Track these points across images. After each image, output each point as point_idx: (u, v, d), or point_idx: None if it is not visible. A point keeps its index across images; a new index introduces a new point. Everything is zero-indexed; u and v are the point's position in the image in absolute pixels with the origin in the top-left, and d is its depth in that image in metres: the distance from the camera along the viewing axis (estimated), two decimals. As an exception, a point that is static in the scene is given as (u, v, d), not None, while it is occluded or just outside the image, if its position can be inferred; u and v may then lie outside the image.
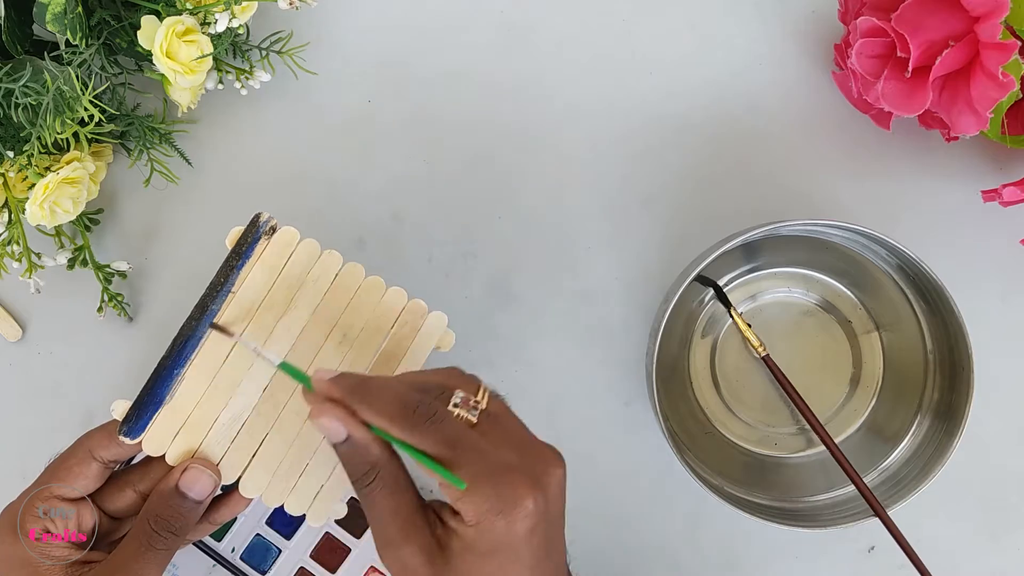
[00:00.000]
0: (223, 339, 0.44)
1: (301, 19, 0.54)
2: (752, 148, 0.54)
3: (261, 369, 0.44)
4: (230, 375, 0.44)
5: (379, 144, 0.54)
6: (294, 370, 0.40)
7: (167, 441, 0.43)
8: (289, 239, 0.45)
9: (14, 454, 0.53)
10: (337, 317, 0.45)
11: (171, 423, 0.43)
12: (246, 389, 0.44)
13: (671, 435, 0.47)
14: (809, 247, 0.51)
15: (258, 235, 0.45)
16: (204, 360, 0.44)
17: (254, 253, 0.45)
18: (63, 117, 0.45)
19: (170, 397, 0.43)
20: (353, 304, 0.45)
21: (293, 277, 0.45)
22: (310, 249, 0.45)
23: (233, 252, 0.45)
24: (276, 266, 0.45)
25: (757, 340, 0.49)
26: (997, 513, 0.53)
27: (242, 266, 0.45)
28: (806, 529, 0.47)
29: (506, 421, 0.39)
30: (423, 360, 0.46)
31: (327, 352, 0.45)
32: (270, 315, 0.45)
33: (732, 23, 0.55)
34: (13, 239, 0.50)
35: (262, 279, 0.45)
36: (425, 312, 0.46)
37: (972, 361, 0.46)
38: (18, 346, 0.53)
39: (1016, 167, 0.54)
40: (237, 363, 0.44)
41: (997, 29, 0.43)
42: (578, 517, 0.52)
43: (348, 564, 0.51)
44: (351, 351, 0.45)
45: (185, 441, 0.44)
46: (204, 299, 0.44)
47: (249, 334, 0.44)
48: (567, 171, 0.54)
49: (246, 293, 0.45)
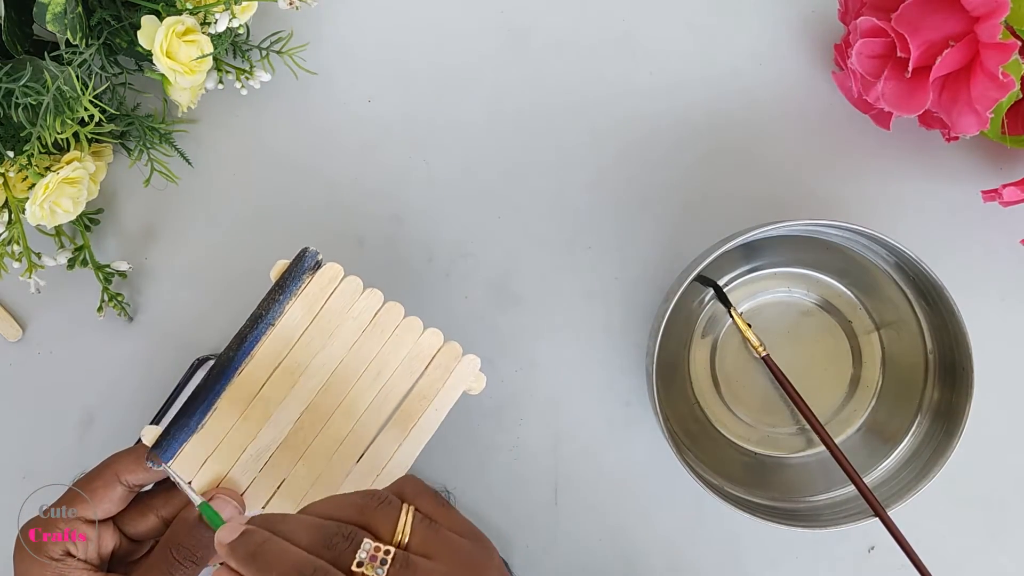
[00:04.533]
0: (257, 372, 0.44)
1: (301, 19, 0.54)
2: (752, 148, 0.54)
3: (292, 403, 0.44)
4: (262, 408, 0.44)
5: (379, 144, 0.54)
6: (212, 514, 0.40)
7: (195, 468, 0.43)
8: (333, 275, 0.45)
9: (14, 454, 0.53)
10: (373, 355, 0.45)
11: (200, 451, 0.43)
12: (277, 421, 0.44)
13: (671, 435, 0.47)
14: (809, 247, 0.51)
15: (303, 269, 0.45)
16: (238, 390, 0.44)
17: (297, 289, 0.45)
18: (63, 117, 0.45)
19: (201, 426, 0.43)
20: (390, 343, 0.45)
21: (333, 313, 0.45)
22: (352, 286, 0.45)
23: (277, 285, 0.45)
24: (318, 301, 0.45)
25: (757, 340, 0.49)
26: (997, 513, 0.53)
27: (285, 300, 0.45)
28: (806, 529, 0.47)
29: (435, 545, 0.35)
30: (452, 401, 0.46)
31: (360, 388, 0.45)
32: (308, 350, 0.45)
33: (732, 23, 0.55)
34: (13, 239, 0.50)
35: (302, 314, 0.45)
36: (459, 355, 0.46)
37: (972, 361, 0.46)
38: (18, 346, 0.53)
39: (1016, 167, 0.54)
40: (270, 396, 0.44)
41: (997, 29, 0.43)
42: (578, 517, 0.53)
43: None
44: (384, 388, 0.45)
45: (212, 469, 0.43)
46: (244, 330, 0.44)
47: (284, 370, 0.44)
48: (567, 171, 0.54)
49: (285, 327, 0.45)
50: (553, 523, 0.53)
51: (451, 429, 0.53)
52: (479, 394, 0.46)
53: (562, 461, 0.53)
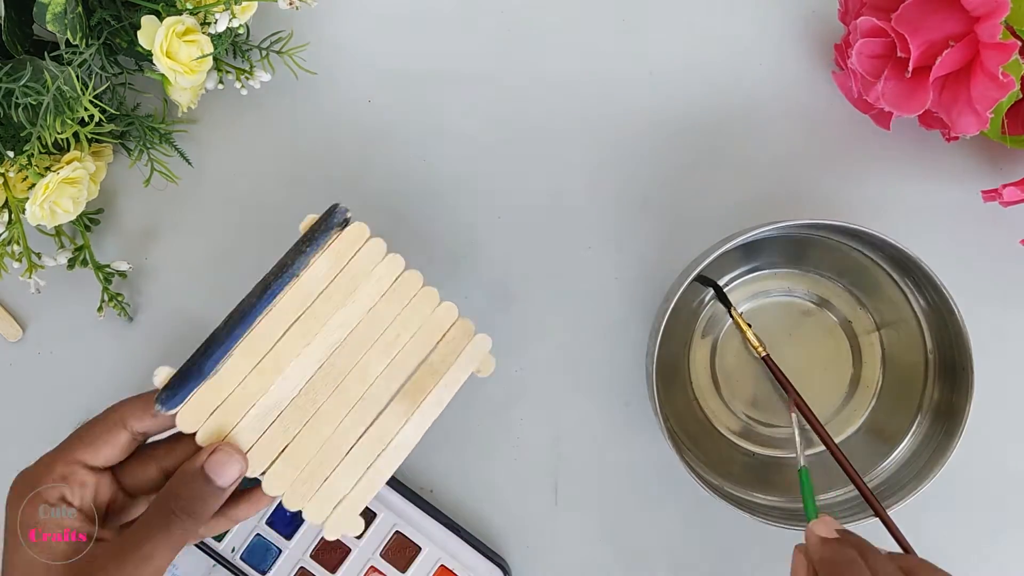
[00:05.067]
0: (275, 324, 0.43)
1: (301, 19, 0.54)
2: (752, 148, 0.54)
3: (307, 360, 0.43)
4: (275, 361, 0.43)
5: (379, 144, 0.54)
6: (808, 491, 0.43)
7: (202, 418, 0.42)
8: (359, 234, 0.45)
9: (14, 454, 0.53)
10: (389, 321, 0.45)
11: (209, 400, 0.42)
12: (289, 378, 0.43)
13: (671, 435, 0.47)
14: (809, 247, 0.51)
15: (332, 224, 0.45)
16: (254, 341, 0.43)
17: (324, 243, 0.44)
18: (63, 117, 0.45)
19: (214, 373, 0.42)
20: (407, 310, 0.45)
21: (355, 272, 0.45)
22: (376, 248, 0.45)
23: (304, 238, 0.44)
24: (342, 258, 0.45)
25: (757, 340, 0.49)
26: (997, 513, 0.53)
27: (311, 253, 0.44)
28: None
29: None
30: (462, 380, 0.45)
31: (374, 353, 0.44)
32: (328, 306, 0.44)
33: (732, 23, 0.55)
34: (13, 239, 0.50)
35: (326, 269, 0.44)
36: (472, 332, 0.46)
37: (972, 361, 0.46)
38: (18, 346, 0.53)
39: (1016, 167, 0.54)
40: (285, 349, 0.43)
41: (997, 29, 0.43)
42: (578, 517, 0.53)
43: (348, 564, 0.51)
44: (397, 357, 0.45)
45: (219, 422, 0.42)
46: (268, 278, 0.44)
47: (302, 324, 0.44)
48: (567, 171, 0.54)
49: (308, 280, 0.44)
50: (553, 523, 0.53)
51: (451, 429, 0.53)
52: (488, 376, 0.46)
53: (562, 461, 0.53)
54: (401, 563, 0.51)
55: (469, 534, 0.51)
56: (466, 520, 0.52)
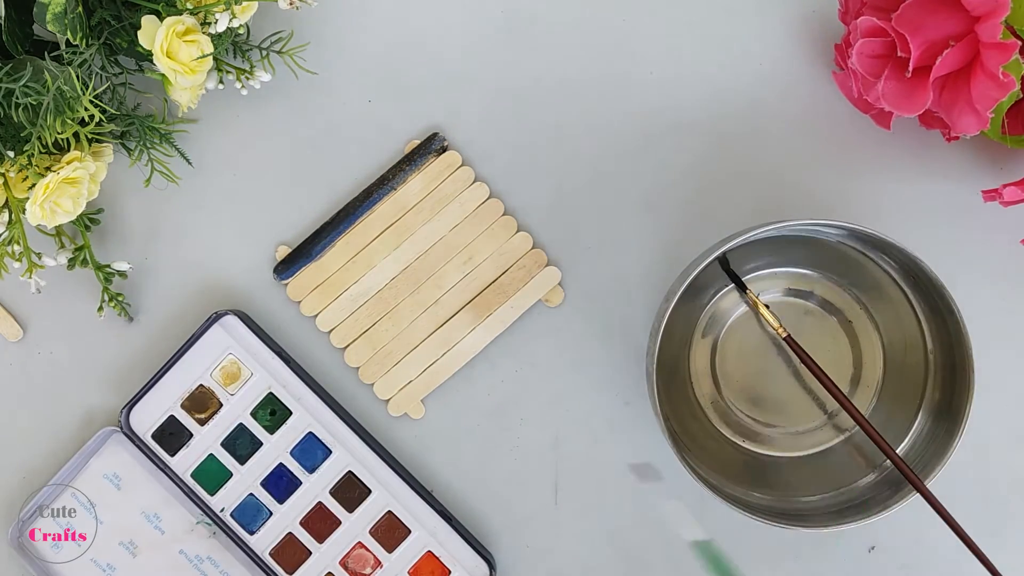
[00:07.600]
0: (371, 226, 0.52)
1: (301, 19, 0.54)
2: (752, 148, 0.54)
3: (394, 262, 0.52)
4: (368, 257, 0.52)
5: (379, 144, 0.54)
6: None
7: (306, 292, 0.52)
8: (452, 161, 0.52)
9: (14, 454, 0.53)
10: (469, 240, 0.52)
11: (313, 278, 0.52)
12: (377, 272, 0.52)
13: (671, 435, 0.47)
14: (809, 247, 0.51)
15: (430, 149, 0.52)
16: (354, 237, 0.52)
17: (422, 164, 0.52)
18: (63, 117, 0.45)
19: (319, 256, 0.52)
20: (485, 234, 0.52)
21: (444, 193, 0.52)
22: (465, 175, 0.52)
23: (406, 157, 0.52)
24: (435, 180, 0.52)
25: (777, 321, 0.49)
26: (997, 513, 0.53)
27: (410, 171, 0.52)
28: (806, 529, 0.47)
29: None
30: (527, 305, 0.52)
31: (451, 268, 0.52)
32: (417, 219, 0.52)
33: (732, 23, 0.55)
34: (13, 239, 0.50)
35: (420, 187, 0.52)
36: (544, 263, 0.52)
37: (972, 361, 0.46)
38: (18, 346, 0.53)
39: (1016, 167, 0.54)
40: (378, 249, 0.52)
41: (997, 29, 0.43)
42: (578, 517, 0.53)
43: (336, 536, 0.51)
44: (471, 274, 0.52)
45: (317, 298, 0.52)
46: (371, 187, 0.52)
47: (394, 230, 0.52)
48: (566, 171, 0.54)
49: (404, 194, 0.52)
50: (553, 523, 0.53)
51: (451, 429, 0.53)
52: (557, 306, 0.50)
53: (562, 461, 0.53)
54: (389, 543, 0.51)
55: (460, 524, 0.51)
56: (464, 518, 0.52)
